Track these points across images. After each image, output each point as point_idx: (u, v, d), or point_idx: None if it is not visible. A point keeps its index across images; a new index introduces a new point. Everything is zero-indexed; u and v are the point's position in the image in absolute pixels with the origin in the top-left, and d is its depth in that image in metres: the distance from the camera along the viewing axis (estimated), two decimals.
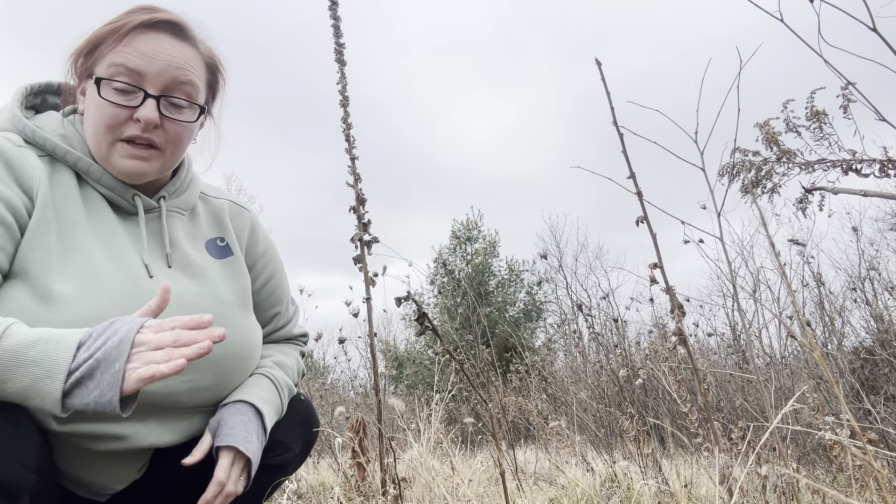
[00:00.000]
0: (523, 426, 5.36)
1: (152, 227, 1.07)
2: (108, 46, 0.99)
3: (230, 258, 1.16)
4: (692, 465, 2.82)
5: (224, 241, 1.18)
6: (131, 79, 0.97)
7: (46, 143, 0.99)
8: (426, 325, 1.55)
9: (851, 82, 1.99)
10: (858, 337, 5.25)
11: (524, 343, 7.90)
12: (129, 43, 0.98)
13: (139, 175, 1.01)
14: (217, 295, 1.07)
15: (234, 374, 1.06)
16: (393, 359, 11.67)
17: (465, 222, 20.08)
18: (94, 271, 0.94)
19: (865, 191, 2.19)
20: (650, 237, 1.72)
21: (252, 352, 1.11)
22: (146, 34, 0.99)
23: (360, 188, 1.86)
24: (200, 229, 1.16)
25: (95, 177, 1.01)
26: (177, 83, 1.01)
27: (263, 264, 1.24)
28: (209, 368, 1.00)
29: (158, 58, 0.99)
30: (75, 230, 0.96)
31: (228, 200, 1.24)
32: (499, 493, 2.41)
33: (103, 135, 0.98)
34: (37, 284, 0.89)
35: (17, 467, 0.78)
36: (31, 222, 0.92)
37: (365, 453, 1.71)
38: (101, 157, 1.01)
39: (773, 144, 2.46)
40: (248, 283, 1.16)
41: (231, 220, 1.22)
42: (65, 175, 1.00)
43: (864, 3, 1.51)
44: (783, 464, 1.62)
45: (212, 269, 1.11)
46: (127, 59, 0.97)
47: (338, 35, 1.90)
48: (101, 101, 0.97)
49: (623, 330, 5.95)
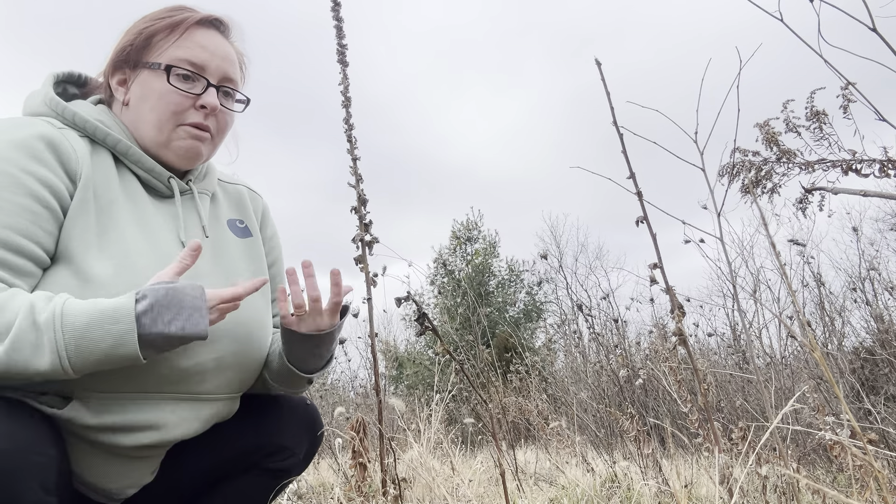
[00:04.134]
0: (523, 426, 5.36)
1: (187, 206, 1.11)
2: (166, 40, 1.05)
3: (250, 239, 1.21)
4: (692, 466, 2.82)
5: (244, 222, 1.23)
6: (195, 69, 1.05)
7: (87, 124, 1.02)
8: (426, 325, 1.55)
9: (851, 82, 1.99)
10: (859, 337, 5.26)
11: (524, 343, 7.91)
12: (189, 38, 1.06)
13: (196, 155, 1.09)
14: (239, 274, 1.13)
15: (253, 352, 1.09)
16: (393, 359, 11.67)
17: (465, 222, 20.06)
18: (130, 252, 0.97)
19: (865, 191, 2.19)
20: (650, 237, 1.72)
21: (266, 331, 1.14)
22: (202, 30, 1.08)
23: (362, 189, 1.86)
24: (221, 210, 1.21)
25: (134, 159, 1.04)
26: (228, 77, 1.10)
27: (270, 248, 1.29)
28: (231, 346, 1.04)
29: (216, 52, 1.08)
30: (112, 210, 0.99)
31: (245, 186, 1.30)
32: (499, 494, 2.40)
33: (167, 120, 1.05)
34: (78, 264, 0.92)
35: (38, 491, 0.78)
36: (73, 202, 0.95)
37: (365, 453, 1.71)
38: (160, 142, 1.06)
39: (773, 144, 2.46)
40: (265, 265, 1.21)
41: (250, 202, 1.28)
42: (103, 156, 1.03)
43: (864, 3, 1.51)
44: (783, 464, 1.62)
45: (235, 247, 1.16)
46: (190, 54, 1.05)
47: (340, 36, 1.90)
48: (167, 88, 1.03)
49: (623, 330, 5.95)
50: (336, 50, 1.88)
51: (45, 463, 0.79)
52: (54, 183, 0.93)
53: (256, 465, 1.14)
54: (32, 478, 0.77)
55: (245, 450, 1.12)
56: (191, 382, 0.99)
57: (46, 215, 0.91)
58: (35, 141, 0.92)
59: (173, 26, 1.06)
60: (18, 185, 0.88)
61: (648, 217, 1.73)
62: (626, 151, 1.77)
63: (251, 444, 1.13)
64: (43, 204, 0.90)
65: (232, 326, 1.03)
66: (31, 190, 0.89)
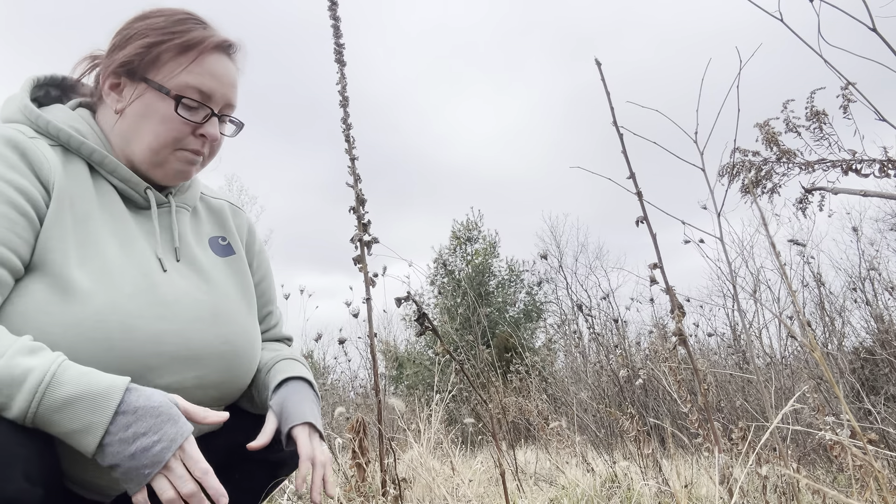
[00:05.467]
0: (523, 426, 5.36)
1: (163, 221, 1.08)
2: (176, 62, 1.02)
3: (233, 257, 1.18)
4: (692, 466, 2.82)
5: (226, 240, 1.20)
6: (201, 98, 1.04)
7: (60, 133, 1.00)
8: (426, 325, 1.55)
9: (851, 82, 1.99)
10: (859, 337, 5.26)
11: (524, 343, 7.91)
12: (201, 64, 1.03)
13: (186, 178, 1.08)
14: (224, 292, 1.09)
15: (239, 372, 1.07)
16: (393, 359, 11.67)
17: (465, 223, 20.06)
18: (108, 265, 0.94)
19: (865, 191, 2.19)
20: (650, 237, 1.72)
21: (256, 350, 1.13)
22: (215, 56, 1.05)
23: (360, 189, 1.86)
24: (203, 227, 1.18)
25: (109, 168, 1.02)
26: (230, 104, 1.09)
27: (258, 263, 1.26)
28: (216, 365, 1.02)
29: (223, 80, 1.06)
30: (89, 222, 0.97)
31: (227, 201, 1.27)
32: (499, 494, 2.40)
33: (166, 145, 1.03)
34: (56, 275, 0.89)
35: (22, 482, 0.77)
36: (48, 213, 0.92)
37: (365, 454, 1.71)
38: (153, 163, 1.04)
39: (773, 144, 2.46)
40: (251, 283, 1.18)
41: (232, 219, 1.25)
42: (77, 166, 1.00)
43: (864, 3, 1.51)
44: (783, 464, 1.62)
45: (216, 266, 1.13)
46: (200, 82, 1.03)
47: (337, 35, 1.90)
48: (173, 116, 1.01)
49: (623, 330, 5.95)
50: (333, 49, 1.88)
51: (27, 454, 0.78)
52: (30, 190, 0.90)
53: (250, 457, 1.13)
54: (14, 467, 0.76)
55: (238, 441, 1.11)
56: None
57: (23, 223, 0.88)
58: (5, 148, 0.90)
59: (186, 48, 1.03)
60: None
61: (648, 217, 1.73)
62: (626, 152, 1.77)
63: (244, 435, 1.12)
64: (19, 211, 0.88)
65: (218, 345, 1.01)
66: (7, 196, 0.87)
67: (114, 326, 0.89)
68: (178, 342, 0.95)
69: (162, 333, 0.93)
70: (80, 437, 0.78)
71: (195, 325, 0.98)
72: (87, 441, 0.78)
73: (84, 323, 0.87)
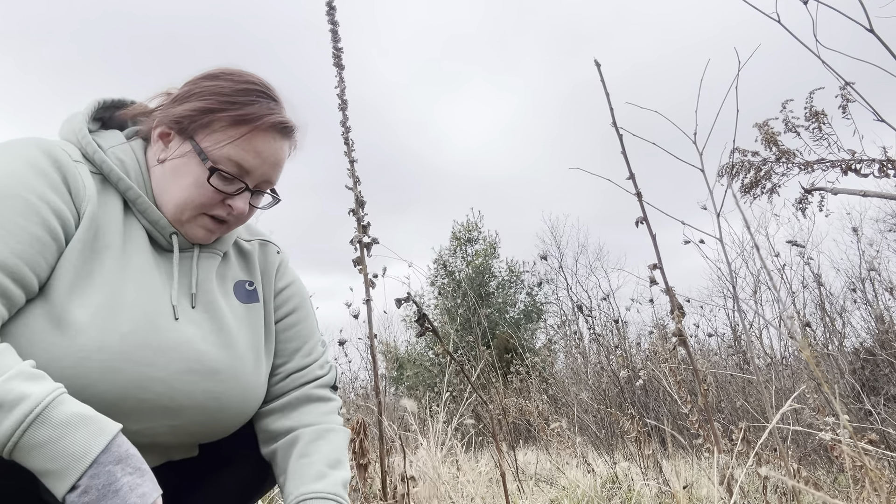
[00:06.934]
0: (524, 427, 5.36)
1: (183, 265, 1.06)
2: (225, 132, 1.01)
3: (255, 304, 1.14)
4: (693, 466, 2.82)
5: (252, 285, 1.17)
6: (238, 172, 1.02)
7: (104, 165, 1.00)
8: (426, 326, 1.55)
9: (850, 83, 2.00)
10: (859, 337, 5.26)
11: (525, 344, 7.91)
12: (250, 141, 1.01)
13: (205, 242, 1.07)
14: (230, 343, 1.05)
15: (221, 425, 1.05)
16: (393, 360, 11.67)
17: (465, 223, 20.06)
18: (112, 300, 0.92)
19: (865, 191, 2.19)
20: (650, 238, 1.72)
21: (247, 409, 1.08)
22: (268, 135, 1.03)
23: (360, 191, 1.86)
24: (230, 271, 1.15)
25: (141, 208, 1.02)
26: (268, 181, 1.07)
27: (285, 298, 1.21)
28: (197, 418, 0.99)
29: (268, 160, 1.04)
30: (106, 254, 0.95)
31: (259, 239, 1.24)
32: (500, 494, 2.40)
33: (192, 207, 1.02)
34: (54, 304, 0.88)
35: None
36: (73, 239, 0.92)
37: (366, 455, 1.71)
38: (177, 220, 1.03)
39: (772, 144, 2.46)
40: (262, 333, 1.14)
41: (259, 260, 1.21)
42: (113, 198, 1.00)
43: (861, 4, 1.51)
44: (784, 464, 1.62)
45: (236, 314, 1.10)
46: (242, 158, 1.01)
47: (336, 39, 1.90)
48: (204, 183, 1.00)
49: (623, 331, 5.95)
50: (332, 53, 1.89)
51: None
52: (64, 213, 0.91)
53: (246, 456, 1.13)
54: None
55: (231, 442, 1.11)
56: (139, 441, 0.90)
57: (53, 247, 0.89)
58: (50, 167, 0.91)
59: (239, 122, 1.01)
60: (33, 213, 0.86)
61: (648, 218, 1.73)
62: (625, 152, 1.77)
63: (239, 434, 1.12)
64: (52, 235, 0.89)
65: (204, 400, 0.98)
66: (44, 219, 0.88)
67: (94, 366, 0.86)
68: (161, 392, 0.92)
69: (145, 380, 0.90)
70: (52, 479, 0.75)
71: (185, 376, 0.95)
72: (57, 486, 0.75)
73: (66, 358, 0.85)
